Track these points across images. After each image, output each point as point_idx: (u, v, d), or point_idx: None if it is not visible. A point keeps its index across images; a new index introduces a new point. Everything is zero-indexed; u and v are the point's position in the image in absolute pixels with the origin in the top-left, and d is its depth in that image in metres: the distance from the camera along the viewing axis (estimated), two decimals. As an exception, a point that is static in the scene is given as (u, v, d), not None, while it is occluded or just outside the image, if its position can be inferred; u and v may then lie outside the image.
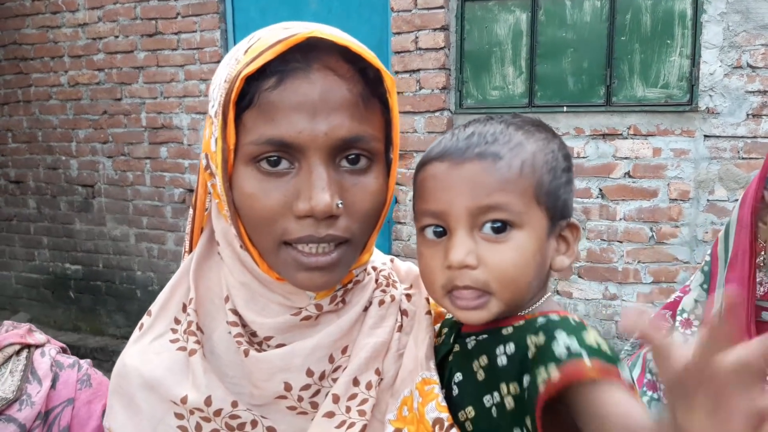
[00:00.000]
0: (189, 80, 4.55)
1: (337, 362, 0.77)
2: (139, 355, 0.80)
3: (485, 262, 0.71)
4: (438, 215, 0.74)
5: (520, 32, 3.72)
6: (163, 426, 0.75)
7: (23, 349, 0.92)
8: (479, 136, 0.74)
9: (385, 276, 0.85)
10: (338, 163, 0.72)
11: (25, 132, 5.23)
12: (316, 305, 0.76)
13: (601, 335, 0.69)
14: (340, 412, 0.75)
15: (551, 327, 0.68)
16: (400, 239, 4.07)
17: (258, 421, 0.75)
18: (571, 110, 3.65)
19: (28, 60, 5.08)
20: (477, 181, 0.71)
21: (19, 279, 5.55)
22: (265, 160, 0.70)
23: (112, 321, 5.17)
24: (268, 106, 0.69)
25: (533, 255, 0.72)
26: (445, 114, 3.85)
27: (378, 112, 0.75)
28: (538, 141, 0.75)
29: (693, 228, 3.50)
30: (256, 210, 0.71)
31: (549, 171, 0.74)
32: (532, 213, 0.72)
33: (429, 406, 0.73)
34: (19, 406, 0.85)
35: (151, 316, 0.83)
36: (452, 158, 0.73)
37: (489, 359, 0.73)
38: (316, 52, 0.70)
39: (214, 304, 0.80)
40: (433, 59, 3.81)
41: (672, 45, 3.44)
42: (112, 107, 4.85)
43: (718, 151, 3.40)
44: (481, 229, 0.72)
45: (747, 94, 3.32)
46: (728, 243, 1.03)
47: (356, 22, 4.11)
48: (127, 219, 4.98)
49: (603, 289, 3.70)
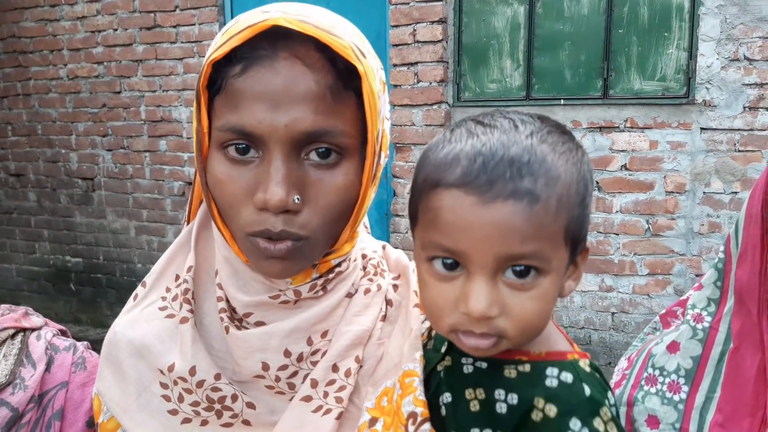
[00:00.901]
0: (188, 73, 4.56)
1: (315, 345, 0.76)
2: (129, 322, 0.81)
3: (507, 311, 0.64)
4: (456, 254, 0.64)
5: (518, 25, 3.73)
6: (147, 393, 0.77)
7: (18, 333, 0.93)
8: (511, 166, 0.62)
9: (373, 264, 0.85)
10: (305, 157, 0.69)
11: (24, 125, 5.24)
12: (294, 291, 0.76)
13: (609, 399, 0.68)
14: (317, 396, 0.75)
15: (564, 401, 0.65)
16: (398, 232, 4.08)
17: (239, 395, 0.75)
18: (568, 103, 3.66)
19: (27, 53, 5.08)
20: (510, 227, 0.61)
21: (19, 272, 5.57)
22: (233, 147, 0.69)
23: (112, 313, 5.19)
24: (234, 93, 0.68)
25: (554, 298, 0.67)
26: (443, 107, 3.86)
27: (352, 105, 0.71)
28: (572, 167, 0.65)
29: (689, 220, 3.51)
30: (224, 196, 0.71)
31: (580, 203, 0.66)
32: (560, 255, 0.65)
33: (406, 399, 0.72)
34: (12, 390, 0.86)
35: (145, 287, 0.84)
36: (479, 193, 0.61)
37: (486, 396, 0.70)
38: (285, 40, 0.67)
39: (209, 275, 0.80)
40: (431, 52, 3.81)
41: (669, 38, 3.45)
42: (112, 100, 4.86)
43: (714, 144, 3.41)
44: (504, 273, 0.64)
45: (744, 87, 3.32)
46: (738, 238, 1.03)
47: (354, 14, 4.10)
48: (127, 212, 4.99)
49: (599, 281, 3.72)
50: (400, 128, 3.96)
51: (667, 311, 1.22)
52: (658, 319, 1.22)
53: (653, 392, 1.08)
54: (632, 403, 1.09)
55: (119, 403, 0.78)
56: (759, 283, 0.97)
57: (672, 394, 1.06)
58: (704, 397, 1.03)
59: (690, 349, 1.06)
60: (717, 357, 1.03)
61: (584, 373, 0.67)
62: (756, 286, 0.98)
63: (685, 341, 1.06)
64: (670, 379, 1.07)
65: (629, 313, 3.69)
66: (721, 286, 1.05)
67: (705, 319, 1.05)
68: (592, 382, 0.67)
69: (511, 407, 0.67)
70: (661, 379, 1.08)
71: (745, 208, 1.01)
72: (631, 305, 3.68)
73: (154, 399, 0.76)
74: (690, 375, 1.05)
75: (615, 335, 3.74)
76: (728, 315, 1.03)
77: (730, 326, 1.03)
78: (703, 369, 1.05)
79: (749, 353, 1.00)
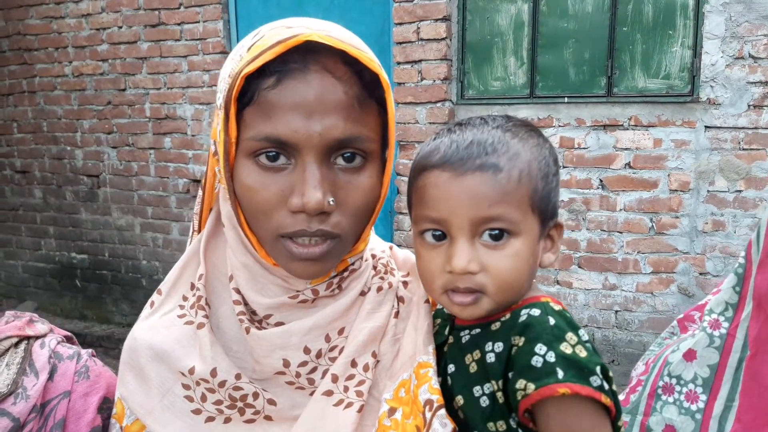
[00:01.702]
0: (192, 71, 4.56)
1: (333, 342, 0.81)
2: (149, 329, 0.85)
3: (486, 267, 0.75)
4: (439, 222, 0.77)
5: (522, 23, 3.71)
6: (170, 395, 0.81)
7: (22, 341, 0.94)
8: (479, 146, 0.76)
9: (383, 264, 0.89)
10: (333, 161, 0.75)
11: (30, 122, 5.26)
12: (312, 290, 0.80)
13: (579, 332, 0.73)
14: (338, 391, 0.79)
15: (531, 330, 0.73)
16: (402, 229, 4.09)
17: (259, 393, 0.79)
18: (572, 101, 3.65)
19: (33, 51, 5.10)
20: (478, 193, 0.74)
21: (25, 268, 5.60)
22: (264, 155, 0.74)
23: (117, 309, 5.22)
24: (267, 104, 0.72)
25: (527, 259, 0.77)
26: (447, 105, 3.86)
27: (374, 113, 0.77)
28: (533, 148, 0.78)
29: (693, 219, 3.50)
30: (255, 202, 0.75)
31: (542, 178, 0.77)
32: (528, 220, 0.76)
33: (422, 388, 0.77)
34: (14, 400, 0.86)
35: (161, 295, 0.88)
36: (453, 168, 0.75)
37: (481, 354, 0.78)
38: (314, 54, 0.72)
39: (220, 282, 0.85)
40: (435, 50, 3.80)
41: (674, 35, 3.43)
42: (117, 98, 4.87)
43: (718, 142, 3.40)
44: (481, 237, 0.75)
45: (748, 85, 3.30)
46: (759, 244, 1.03)
47: (358, 12, 4.10)
48: (132, 209, 5.01)
49: (603, 280, 3.71)
50: (403, 126, 3.95)
51: (685, 316, 1.21)
52: (676, 324, 1.22)
53: (670, 402, 1.08)
54: (649, 413, 1.09)
55: (143, 405, 0.82)
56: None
57: (689, 404, 1.05)
58: (723, 406, 1.03)
59: (707, 358, 1.05)
60: (735, 365, 1.03)
61: (551, 309, 0.76)
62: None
63: (702, 349, 1.05)
64: (687, 389, 1.06)
65: (633, 312, 3.69)
66: (740, 291, 1.04)
67: (722, 325, 1.05)
68: (558, 316, 0.75)
69: (497, 354, 0.76)
70: (678, 388, 1.07)
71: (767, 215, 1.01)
72: (634, 303, 3.68)
73: (177, 400, 0.80)
74: (708, 384, 1.04)
75: (618, 333, 3.73)
76: (746, 321, 1.02)
77: (747, 332, 1.02)
78: (720, 377, 1.04)
79: (766, 361, 0.99)
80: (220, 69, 4.06)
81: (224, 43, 4.43)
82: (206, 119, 4.60)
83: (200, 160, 4.68)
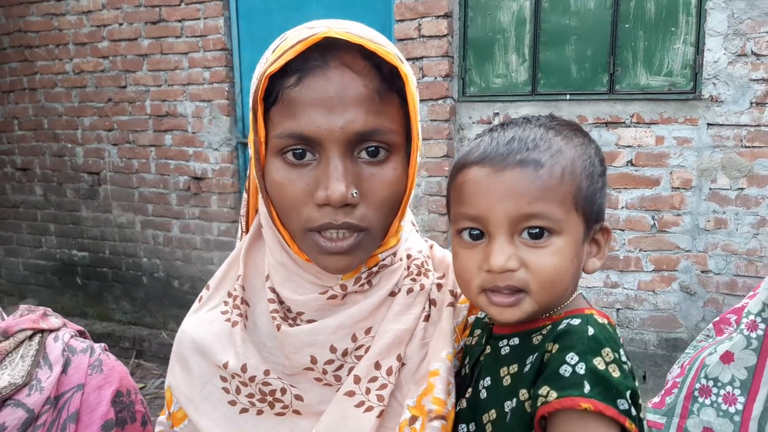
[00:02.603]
0: (193, 68, 4.56)
1: (360, 341, 0.82)
2: (195, 323, 0.90)
3: (526, 263, 0.73)
4: (477, 220, 0.75)
5: (524, 19, 3.71)
6: (210, 386, 0.85)
7: (36, 334, 0.94)
8: (520, 142, 0.74)
9: (417, 265, 0.89)
10: (357, 155, 0.76)
11: (30, 119, 5.25)
12: (341, 285, 0.82)
13: (619, 351, 0.69)
14: (360, 392, 0.80)
15: (567, 337, 0.70)
16: (404, 227, 4.08)
17: (287, 389, 0.82)
18: (574, 98, 3.65)
19: (33, 48, 5.09)
20: (518, 189, 0.72)
21: (26, 265, 5.60)
22: (290, 152, 0.76)
23: (118, 307, 5.22)
24: (290, 102, 0.74)
25: (571, 260, 0.74)
26: (448, 102, 3.85)
27: (396, 105, 0.78)
28: (577, 147, 0.76)
29: (695, 216, 3.51)
30: (284, 198, 0.77)
31: (587, 177, 0.75)
32: (571, 219, 0.73)
33: (427, 398, 0.78)
34: (28, 391, 0.87)
35: (209, 290, 0.93)
36: (493, 164, 0.74)
37: (518, 368, 0.75)
38: (334, 50, 0.74)
39: (259, 281, 0.87)
40: (436, 47, 3.80)
41: (676, 32, 3.43)
42: (117, 95, 4.86)
43: (721, 140, 3.40)
44: (521, 235, 0.73)
45: (751, 82, 3.31)
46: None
47: (359, 9, 4.10)
48: (132, 206, 5.01)
49: (604, 277, 3.72)
50: (405, 123, 3.95)
51: (721, 318, 1.20)
52: (712, 327, 1.21)
53: (708, 404, 1.07)
54: (686, 415, 1.08)
55: (186, 394, 0.86)
56: None
57: (727, 406, 1.05)
58: (762, 408, 1.02)
59: (744, 360, 1.04)
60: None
61: (593, 320, 0.71)
62: None
63: (739, 351, 1.05)
64: (725, 391, 1.06)
65: (634, 309, 3.69)
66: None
67: (759, 326, 1.04)
68: (600, 328, 0.70)
69: (532, 365, 0.73)
70: (716, 390, 1.07)
71: None
72: (636, 301, 3.68)
73: (216, 391, 0.85)
74: (746, 385, 1.04)
75: (620, 331, 3.72)
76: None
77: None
78: (759, 379, 1.03)
79: None
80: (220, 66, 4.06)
81: (225, 40, 4.43)
82: (207, 117, 4.59)
83: (201, 157, 4.67)
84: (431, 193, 3.97)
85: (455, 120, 3.92)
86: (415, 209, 4.01)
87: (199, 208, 4.75)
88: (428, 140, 3.91)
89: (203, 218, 4.74)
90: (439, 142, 3.88)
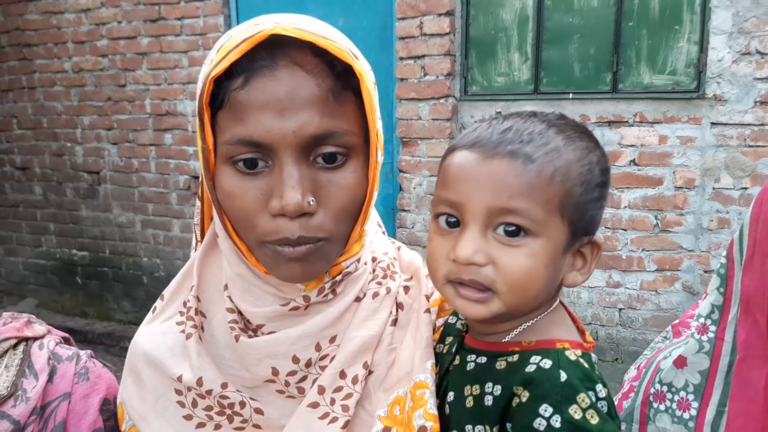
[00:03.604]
0: (192, 66, 4.54)
1: (324, 351, 0.78)
2: (148, 335, 0.86)
3: (495, 261, 0.68)
4: (454, 205, 0.71)
5: (527, 17, 3.68)
6: (164, 400, 0.81)
7: (20, 343, 0.92)
8: (515, 133, 0.69)
9: (383, 267, 0.85)
10: (313, 160, 0.71)
11: (30, 118, 5.24)
12: (303, 297, 0.77)
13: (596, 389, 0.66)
14: (324, 403, 0.76)
15: (539, 386, 0.66)
16: (405, 227, 4.06)
17: (246, 402, 0.78)
18: (576, 97, 3.62)
19: (32, 46, 5.07)
20: (501, 181, 0.67)
21: (26, 265, 5.59)
22: (241, 161, 0.70)
23: (119, 306, 5.21)
24: (238, 106, 0.69)
25: (545, 266, 0.69)
26: (450, 101, 3.83)
27: (352, 104, 0.73)
28: (577, 150, 0.70)
29: (698, 216, 3.48)
30: (236, 208, 0.72)
31: (581, 183, 0.70)
32: (552, 224, 0.69)
33: (417, 413, 0.73)
34: (13, 402, 0.85)
35: (163, 300, 0.89)
36: (482, 150, 0.69)
37: (480, 390, 0.72)
38: (282, 48, 0.69)
39: (217, 290, 0.83)
40: (438, 45, 3.78)
41: (680, 31, 3.40)
42: (117, 93, 4.85)
43: (724, 139, 3.37)
44: (495, 230, 0.69)
45: (755, 81, 3.27)
46: (743, 243, 1.00)
47: (360, 7, 4.07)
48: (132, 205, 4.99)
49: (607, 277, 3.69)
50: (406, 122, 3.93)
51: (680, 321, 1.19)
52: (670, 329, 1.20)
53: (662, 410, 1.06)
54: (645, 421, 1.07)
55: (138, 410, 0.82)
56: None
57: (682, 412, 1.04)
58: (715, 412, 1.01)
59: (697, 364, 1.03)
60: (725, 369, 1.01)
61: (565, 361, 0.67)
62: (765, 296, 0.95)
63: (692, 356, 1.04)
64: (679, 396, 1.05)
65: (636, 309, 3.67)
66: (724, 292, 1.03)
67: (710, 329, 1.03)
68: (572, 369, 0.66)
69: (495, 398, 0.69)
70: (670, 395, 1.06)
71: (750, 213, 0.99)
72: (638, 301, 3.66)
73: (170, 405, 0.81)
74: (699, 390, 1.03)
75: (622, 331, 3.71)
76: (733, 323, 1.01)
77: (735, 335, 1.00)
78: (712, 382, 1.02)
79: (756, 365, 0.97)
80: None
81: (225, 39, 4.41)
82: (207, 115, 4.57)
83: (201, 156, 4.66)
84: (433, 192, 3.94)
85: (457, 119, 3.89)
86: (417, 209, 3.99)
87: (199, 207, 4.73)
88: (430, 139, 3.88)
89: (203, 218, 4.73)
90: (441, 141, 3.85)
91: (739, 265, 1.00)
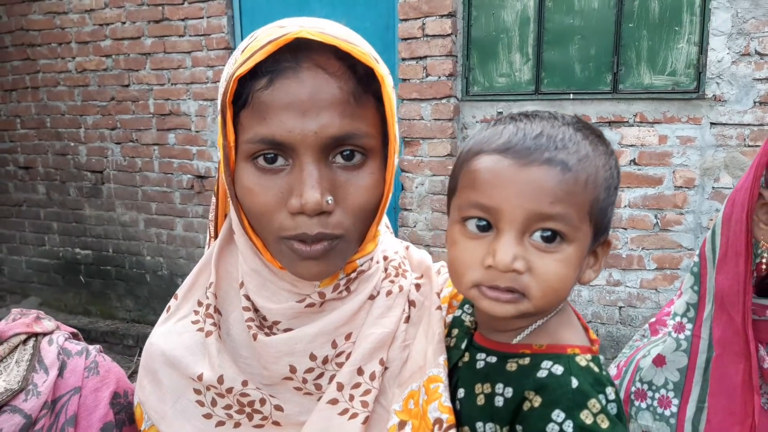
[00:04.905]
0: (196, 67, 4.56)
1: (340, 348, 0.79)
2: (163, 335, 0.86)
3: (533, 269, 0.69)
4: (489, 210, 0.70)
5: (528, 19, 3.70)
6: (183, 400, 0.82)
7: (30, 338, 0.93)
8: (549, 139, 0.70)
9: (395, 266, 0.87)
10: (332, 160, 0.73)
11: (33, 118, 5.26)
12: (319, 293, 0.79)
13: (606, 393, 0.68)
14: (343, 399, 0.78)
15: (551, 392, 0.67)
16: (407, 226, 4.08)
17: (266, 399, 0.79)
18: (577, 97, 3.64)
19: (36, 46, 5.09)
20: (542, 187, 0.68)
21: (29, 264, 5.61)
22: (262, 157, 0.72)
23: (122, 305, 5.23)
24: (261, 105, 0.71)
25: (575, 269, 0.71)
26: (452, 101, 3.85)
27: (372, 107, 0.75)
28: (601, 156, 0.72)
29: (698, 215, 3.49)
30: (255, 204, 0.73)
31: (606, 188, 0.72)
32: (583, 229, 0.70)
33: (432, 405, 0.75)
34: (25, 396, 0.86)
35: (177, 300, 0.89)
36: (518, 156, 0.69)
37: (491, 390, 0.73)
38: (306, 51, 0.71)
39: (232, 288, 0.85)
40: (440, 46, 3.79)
41: (680, 32, 3.41)
42: (120, 93, 4.87)
43: (724, 139, 3.39)
44: (531, 236, 0.69)
45: (754, 82, 3.29)
46: (716, 243, 1.02)
47: (363, 8, 4.09)
48: (136, 205, 5.01)
49: (607, 276, 3.71)
50: (408, 122, 3.94)
51: (657, 319, 1.21)
52: (647, 327, 1.21)
53: (644, 407, 1.08)
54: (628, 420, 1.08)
55: (157, 410, 0.83)
56: (743, 291, 0.96)
57: (663, 410, 1.05)
58: (695, 408, 1.03)
59: (676, 362, 1.05)
60: (703, 365, 1.03)
61: (576, 367, 0.69)
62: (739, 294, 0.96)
63: (671, 354, 1.05)
64: (659, 394, 1.06)
65: (636, 308, 3.68)
66: (699, 290, 1.04)
67: (686, 327, 1.05)
68: (584, 375, 0.68)
69: (506, 400, 0.70)
70: (651, 393, 1.07)
71: (722, 213, 1.00)
72: (638, 299, 3.67)
73: (189, 405, 0.81)
74: (679, 387, 1.04)
75: (622, 329, 3.73)
76: (708, 320, 1.02)
77: (711, 333, 1.02)
78: (691, 379, 1.04)
79: (732, 361, 0.99)
80: (224, 65, 4.05)
81: (228, 39, 4.42)
82: (210, 115, 4.59)
83: (204, 156, 4.68)
84: (435, 192, 3.96)
85: (459, 119, 3.91)
86: (419, 208, 4.01)
87: (203, 206, 4.75)
88: (432, 139, 3.90)
89: (207, 216, 4.74)
90: (443, 141, 3.87)
91: (712, 264, 1.02)
